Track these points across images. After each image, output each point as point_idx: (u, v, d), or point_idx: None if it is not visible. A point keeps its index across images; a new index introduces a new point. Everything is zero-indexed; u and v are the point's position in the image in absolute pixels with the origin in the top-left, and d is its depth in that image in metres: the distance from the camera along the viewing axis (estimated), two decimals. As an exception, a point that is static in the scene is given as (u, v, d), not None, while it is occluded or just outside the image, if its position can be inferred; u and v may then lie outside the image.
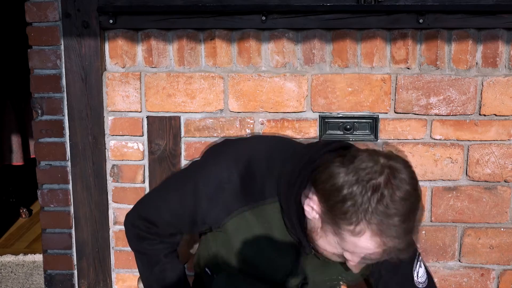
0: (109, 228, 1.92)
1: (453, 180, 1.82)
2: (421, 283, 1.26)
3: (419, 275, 1.26)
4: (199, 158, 1.37)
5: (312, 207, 1.08)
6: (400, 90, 1.77)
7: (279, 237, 1.18)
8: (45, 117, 1.86)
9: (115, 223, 1.92)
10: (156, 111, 1.83)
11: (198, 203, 1.19)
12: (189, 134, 1.84)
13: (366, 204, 0.98)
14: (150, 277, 1.37)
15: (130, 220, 1.36)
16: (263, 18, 1.71)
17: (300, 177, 1.10)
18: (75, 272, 1.96)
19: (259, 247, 1.18)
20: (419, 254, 1.29)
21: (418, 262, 1.27)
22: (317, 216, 1.08)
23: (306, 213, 1.09)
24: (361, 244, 1.02)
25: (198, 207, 1.20)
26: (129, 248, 1.92)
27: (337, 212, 1.01)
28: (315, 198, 1.07)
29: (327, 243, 1.09)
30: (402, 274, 1.24)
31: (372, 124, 1.79)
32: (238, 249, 1.20)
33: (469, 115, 1.78)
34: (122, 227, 1.91)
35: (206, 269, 1.36)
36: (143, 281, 1.41)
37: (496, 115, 1.77)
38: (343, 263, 1.14)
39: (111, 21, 1.76)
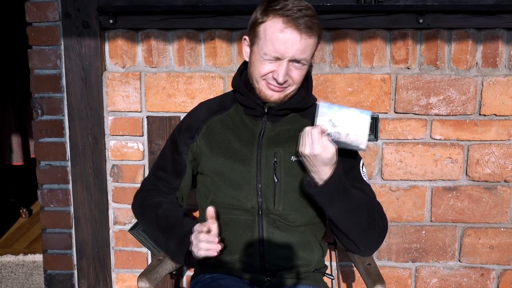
0: (109, 228, 1.92)
1: (453, 180, 1.82)
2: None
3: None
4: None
5: (244, 47, 1.38)
6: (400, 90, 1.77)
7: (244, 134, 1.39)
8: (45, 117, 1.86)
9: (115, 223, 1.92)
10: (156, 111, 1.83)
11: (176, 132, 1.48)
12: (189, 134, 1.84)
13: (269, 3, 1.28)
14: (156, 225, 1.40)
15: (135, 196, 1.52)
16: (263, 18, 1.71)
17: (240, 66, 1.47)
18: (75, 272, 1.96)
19: (229, 144, 1.38)
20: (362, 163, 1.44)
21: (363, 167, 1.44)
22: (248, 48, 1.37)
23: (245, 55, 1.39)
24: (273, 33, 1.25)
25: (176, 132, 1.48)
26: (129, 248, 1.94)
27: (252, 27, 1.32)
28: (245, 37, 1.37)
29: (257, 60, 1.31)
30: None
31: (372, 124, 1.79)
32: (214, 152, 1.38)
33: (469, 115, 1.78)
34: (122, 227, 1.92)
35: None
36: (154, 240, 1.44)
37: (496, 115, 1.77)
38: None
39: (111, 21, 1.76)
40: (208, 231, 1.26)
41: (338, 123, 1.28)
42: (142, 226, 1.51)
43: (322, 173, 1.25)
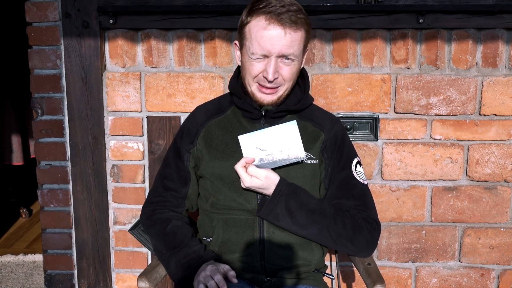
0: (109, 228, 1.92)
1: (453, 180, 1.82)
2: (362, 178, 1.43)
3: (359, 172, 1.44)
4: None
5: (236, 51, 1.39)
6: (400, 90, 1.77)
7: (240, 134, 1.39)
8: (45, 117, 1.86)
9: (115, 223, 1.92)
10: (156, 111, 1.83)
11: (177, 138, 1.48)
12: (189, 134, 1.84)
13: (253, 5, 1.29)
14: (163, 240, 1.40)
15: (144, 207, 1.52)
16: (263, 18, 1.71)
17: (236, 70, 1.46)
18: (75, 272, 1.96)
19: (227, 146, 1.39)
20: (358, 162, 1.44)
21: (357, 165, 1.44)
22: (238, 52, 1.37)
23: (237, 59, 1.39)
24: (257, 32, 1.26)
25: (177, 138, 1.48)
26: (129, 248, 1.93)
27: (239, 29, 1.33)
28: (235, 42, 1.39)
29: (246, 62, 1.31)
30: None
31: (372, 124, 1.79)
32: (213, 156, 1.39)
33: (469, 115, 1.78)
34: (122, 227, 1.92)
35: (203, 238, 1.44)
36: (157, 254, 1.43)
37: (496, 115, 1.77)
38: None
39: (111, 21, 1.76)
40: (224, 276, 1.26)
41: (265, 146, 1.32)
42: (150, 239, 1.51)
43: (267, 195, 1.33)
